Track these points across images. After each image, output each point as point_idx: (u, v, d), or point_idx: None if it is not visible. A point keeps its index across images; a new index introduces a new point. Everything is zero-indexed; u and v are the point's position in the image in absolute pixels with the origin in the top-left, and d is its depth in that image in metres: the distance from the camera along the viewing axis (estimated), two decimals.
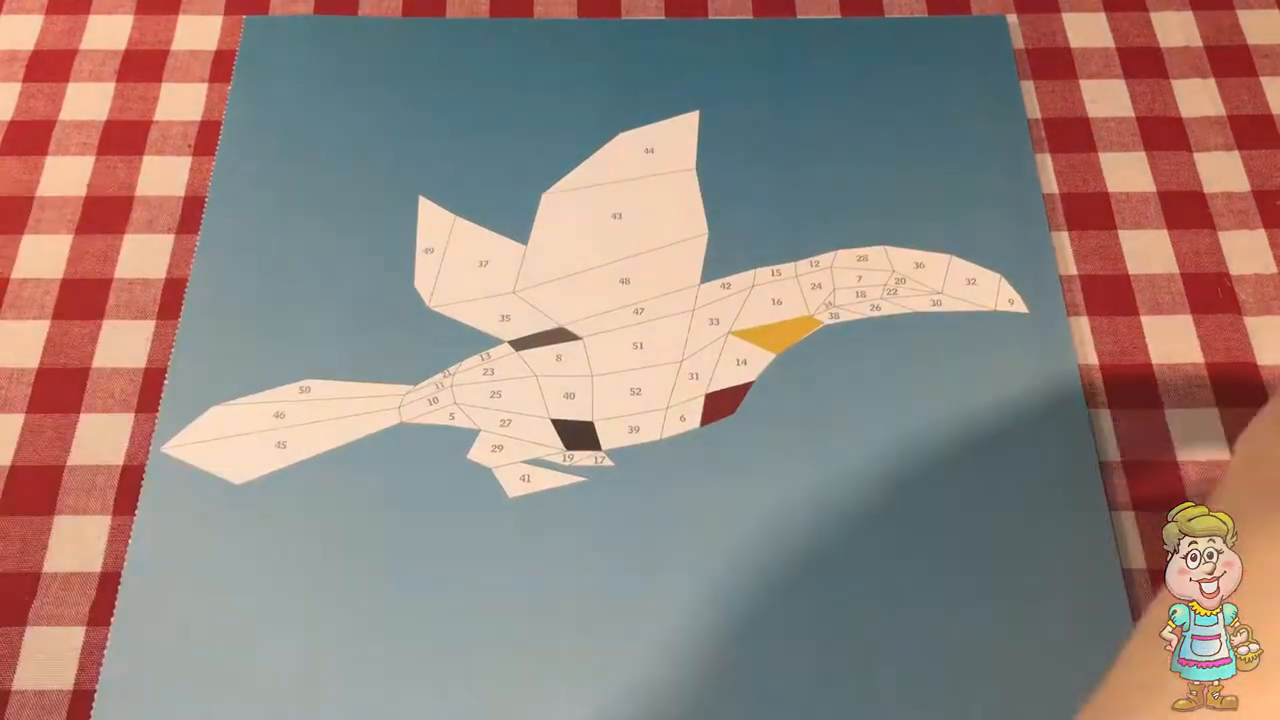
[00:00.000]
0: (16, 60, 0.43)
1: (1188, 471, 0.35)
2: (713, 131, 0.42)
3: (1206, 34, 0.44)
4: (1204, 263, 0.39)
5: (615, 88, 0.43)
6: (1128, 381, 0.37)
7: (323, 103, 0.42)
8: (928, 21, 0.44)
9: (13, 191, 0.40)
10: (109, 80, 0.43)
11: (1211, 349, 0.38)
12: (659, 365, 0.37)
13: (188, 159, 0.41)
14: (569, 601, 0.33)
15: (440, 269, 0.39)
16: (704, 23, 0.44)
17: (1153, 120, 0.42)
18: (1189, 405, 0.37)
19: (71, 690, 0.32)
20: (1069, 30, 0.45)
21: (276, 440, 0.35)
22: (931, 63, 0.43)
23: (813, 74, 0.43)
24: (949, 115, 0.42)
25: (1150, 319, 0.38)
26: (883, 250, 0.39)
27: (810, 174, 0.41)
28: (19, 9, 0.45)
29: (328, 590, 0.33)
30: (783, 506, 0.34)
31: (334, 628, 0.33)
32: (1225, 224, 0.40)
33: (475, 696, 0.32)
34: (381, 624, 0.33)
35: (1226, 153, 0.42)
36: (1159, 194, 0.41)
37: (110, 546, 0.34)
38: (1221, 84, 0.43)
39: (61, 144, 0.42)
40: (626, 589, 0.33)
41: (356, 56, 0.43)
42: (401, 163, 0.41)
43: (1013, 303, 0.38)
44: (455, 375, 0.37)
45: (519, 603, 0.33)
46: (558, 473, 0.35)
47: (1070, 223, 0.40)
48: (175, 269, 0.39)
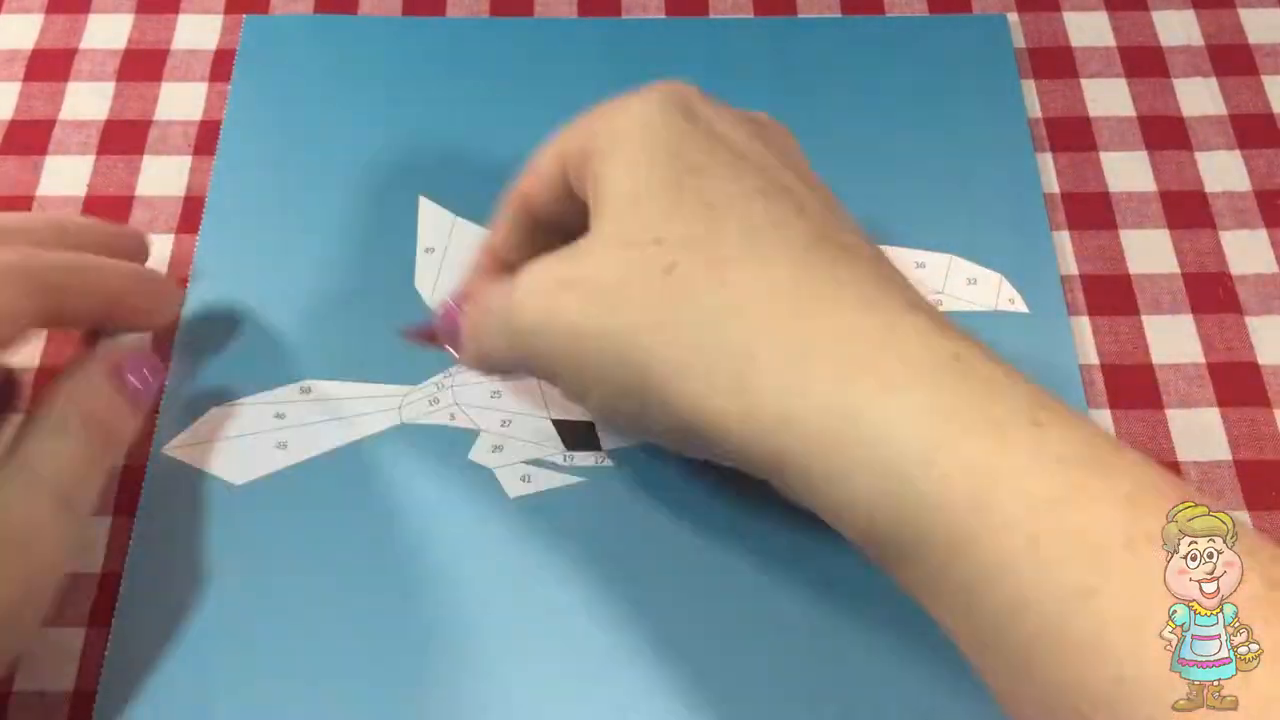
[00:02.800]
0: (16, 59, 0.43)
1: (1188, 471, 0.35)
2: None
3: (1208, 33, 0.44)
4: (1205, 262, 0.39)
5: (615, 88, 0.42)
6: (1128, 381, 0.37)
7: (323, 102, 0.42)
8: (928, 20, 0.44)
9: (13, 191, 0.41)
10: (109, 80, 0.43)
11: (1212, 349, 0.38)
12: None
13: (188, 158, 0.41)
14: (569, 601, 0.33)
15: (441, 269, 0.39)
16: (704, 23, 0.44)
17: (1154, 119, 0.42)
18: (1190, 405, 0.37)
19: (72, 691, 0.32)
20: (1070, 29, 0.44)
21: (277, 441, 0.35)
22: (932, 62, 0.43)
23: (813, 73, 0.43)
24: (949, 114, 0.42)
25: (1151, 319, 0.38)
26: (883, 250, 0.39)
27: None
28: (18, 8, 0.45)
29: (329, 591, 0.33)
30: (784, 505, 0.34)
31: (335, 628, 0.33)
32: (1227, 224, 0.40)
33: (475, 696, 0.32)
34: (382, 623, 0.33)
35: (1228, 152, 0.42)
36: (1160, 193, 0.41)
37: (111, 547, 0.34)
38: (1223, 83, 0.43)
39: (61, 143, 0.42)
40: (627, 589, 0.33)
41: (356, 56, 0.43)
42: (402, 162, 0.41)
43: (1013, 302, 0.38)
44: (456, 376, 0.37)
45: (519, 603, 0.33)
46: (558, 473, 0.35)
47: (1071, 222, 0.40)
48: (176, 269, 0.39)
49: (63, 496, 0.29)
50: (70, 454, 0.30)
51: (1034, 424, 0.24)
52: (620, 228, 0.28)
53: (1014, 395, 0.24)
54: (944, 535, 0.23)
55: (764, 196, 0.28)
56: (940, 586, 0.24)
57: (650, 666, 0.32)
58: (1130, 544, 0.22)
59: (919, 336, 0.25)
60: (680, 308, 0.26)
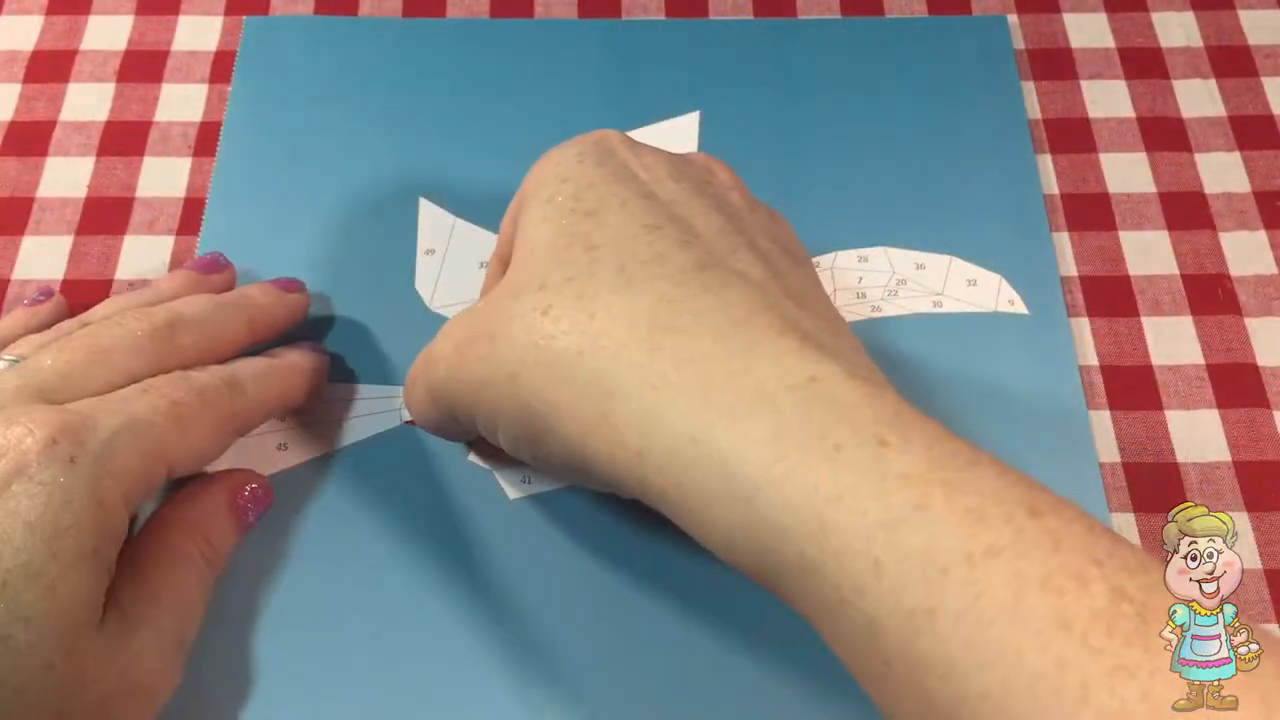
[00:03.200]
0: (16, 61, 0.43)
1: (1187, 472, 0.35)
2: (713, 132, 0.42)
3: (1207, 34, 0.44)
4: (1204, 264, 0.39)
5: (615, 88, 0.43)
6: (1128, 382, 0.37)
7: (323, 103, 0.42)
8: (928, 22, 0.44)
9: (13, 192, 0.41)
10: (109, 81, 0.43)
11: (1212, 350, 0.38)
12: None
13: (188, 160, 0.41)
14: (570, 602, 0.33)
15: (441, 270, 0.39)
16: (704, 23, 0.44)
17: (1153, 121, 0.42)
18: (1189, 406, 0.37)
19: None
20: (1070, 31, 0.45)
21: (278, 442, 0.35)
22: (932, 63, 0.43)
23: (813, 74, 0.43)
24: (949, 115, 0.42)
25: (1150, 320, 0.38)
26: (883, 251, 0.39)
27: (810, 174, 0.41)
28: (19, 9, 0.45)
29: (330, 591, 0.33)
30: None
31: (336, 628, 0.33)
32: (1226, 225, 0.40)
33: (476, 696, 0.32)
34: (382, 624, 0.33)
35: (1227, 154, 0.42)
36: (1159, 195, 0.41)
37: None
38: (1222, 85, 0.43)
39: (61, 145, 0.42)
40: (627, 589, 0.33)
41: (357, 57, 0.43)
42: (402, 164, 0.41)
43: (1013, 304, 0.38)
44: None
45: (520, 603, 0.33)
46: None
47: (1070, 223, 0.40)
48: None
49: (181, 640, 0.30)
50: (193, 594, 0.30)
51: (879, 443, 0.23)
52: (515, 276, 0.29)
53: (863, 415, 0.24)
54: (796, 560, 0.24)
55: (650, 231, 0.28)
56: (805, 607, 0.24)
57: (650, 667, 0.32)
58: (969, 560, 0.22)
59: (775, 360, 0.25)
60: (552, 347, 0.27)
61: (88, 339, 0.30)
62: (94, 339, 0.30)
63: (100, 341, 0.30)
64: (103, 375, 0.29)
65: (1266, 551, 0.34)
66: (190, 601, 0.30)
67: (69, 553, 0.26)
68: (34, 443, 0.26)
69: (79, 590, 0.26)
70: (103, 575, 0.27)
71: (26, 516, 0.25)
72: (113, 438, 0.27)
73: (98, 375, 0.29)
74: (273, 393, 0.33)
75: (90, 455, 0.27)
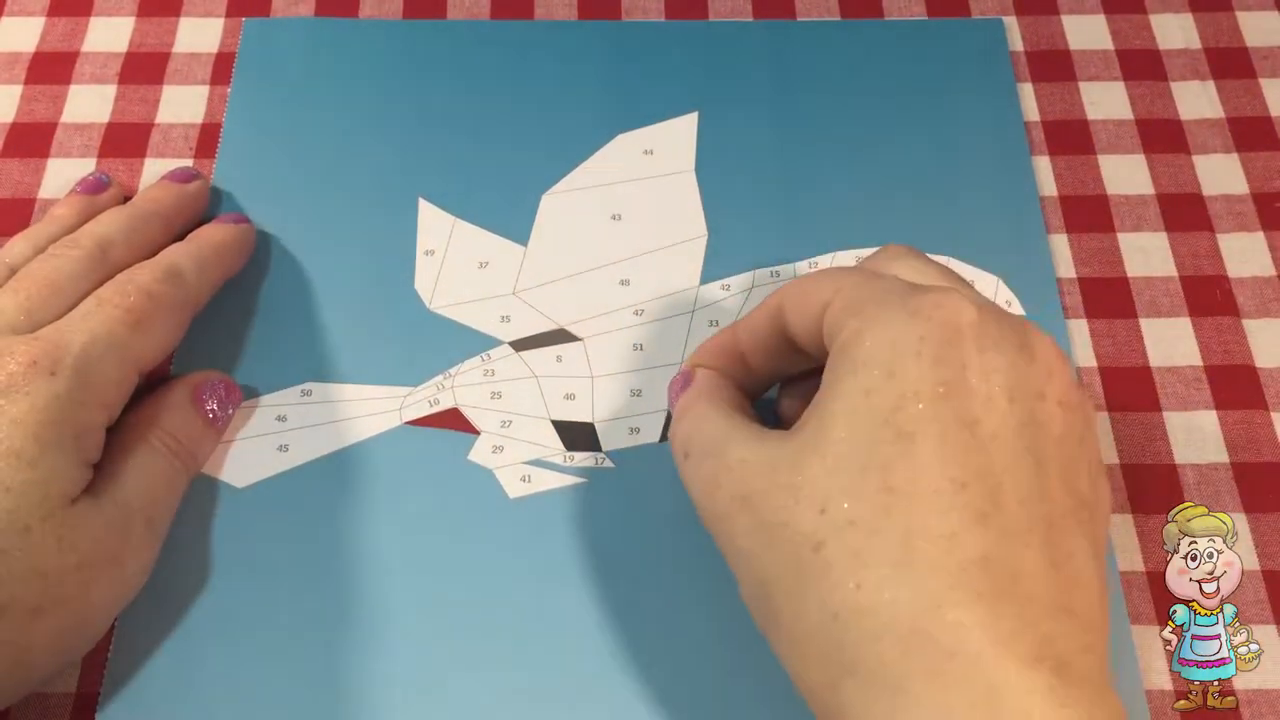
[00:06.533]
0: (18, 63, 0.43)
1: (1186, 474, 0.36)
2: (712, 133, 0.42)
3: (1206, 36, 0.45)
4: (1203, 265, 0.39)
5: (615, 88, 0.43)
6: (1126, 384, 0.37)
7: (323, 104, 0.42)
8: (926, 24, 0.45)
9: (15, 194, 0.41)
10: (110, 82, 0.43)
11: (1210, 351, 0.38)
12: (659, 367, 0.37)
13: (189, 161, 0.41)
14: (570, 602, 0.33)
15: (440, 270, 0.39)
16: (704, 24, 0.45)
17: (1152, 123, 0.43)
18: (1187, 408, 0.37)
19: (75, 693, 0.32)
20: (1068, 32, 0.45)
21: (278, 444, 0.36)
22: (930, 64, 0.43)
23: (812, 75, 0.43)
24: (947, 117, 0.42)
25: (1149, 321, 0.38)
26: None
27: (809, 175, 0.41)
28: (20, 11, 0.45)
29: (330, 592, 0.33)
30: None
31: (336, 629, 0.33)
32: (1224, 227, 0.40)
33: (476, 697, 0.32)
34: (383, 624, 0.33)
35: (1225, 155, 0.42)
36: (1158, 196, 0.41)
37: None
38: (1220, 86, 0.43)
39: (63, 146, 0.42)
40: (627, 589, 0.33)
41: (357, 58, 0.43)
42: (401, 164, 0.41)
43: (1010, 304, 0.38)
44: (456, 377, 0.37)
45: (519, 602, 0.33)
46: (558, 473, 0.35)
47: (1068, 225, 0.40)
48: None
49: (149, 519, 0.32)
50: (157, 479, 0.32)
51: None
52: (805, 445, 0.27)
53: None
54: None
55: (954, 493, 0.25)
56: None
57: (650, 667, 0.32)
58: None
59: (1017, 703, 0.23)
60: (806, 589, 0.25)
61: (38, 277, 0.33)
62: (43, 275, 0.33)
63: (50, 276, 0.33)
64: (59, 303, 0.32)
65: (1264, 552, 0.34)
66: (155, 486, 0.32)
67: (49, 439, 0.29)
68: (17, 365, 0.30)
69: (56, 468, 0.29)
70: (81, 464, 0.30)
71: (13, 414, 0.29)
72: (83, 351, 0.31)
73: (55, 304, 0.32)
74: (209, 269, 0.36)
75: (68, 369, 0.30)
